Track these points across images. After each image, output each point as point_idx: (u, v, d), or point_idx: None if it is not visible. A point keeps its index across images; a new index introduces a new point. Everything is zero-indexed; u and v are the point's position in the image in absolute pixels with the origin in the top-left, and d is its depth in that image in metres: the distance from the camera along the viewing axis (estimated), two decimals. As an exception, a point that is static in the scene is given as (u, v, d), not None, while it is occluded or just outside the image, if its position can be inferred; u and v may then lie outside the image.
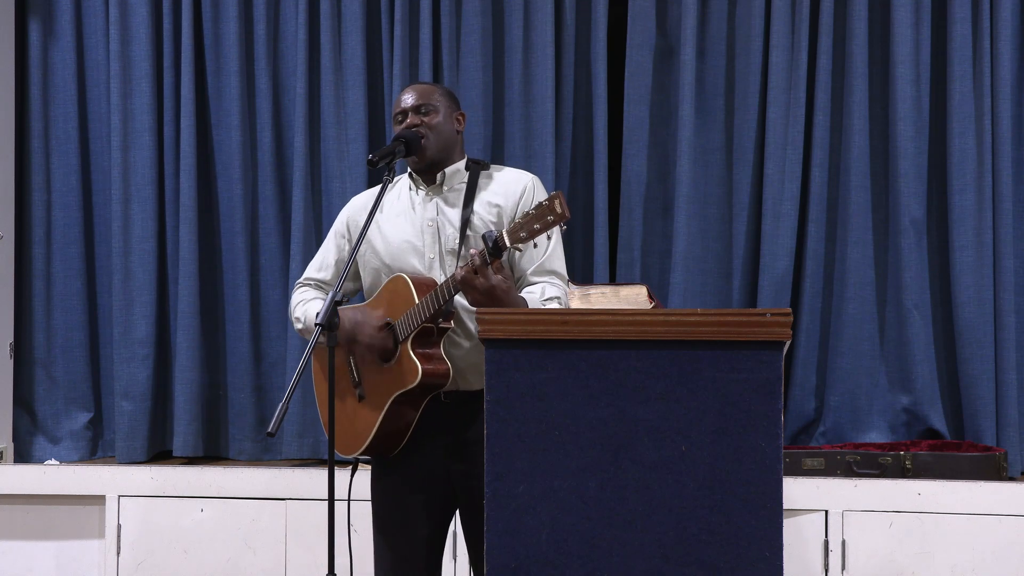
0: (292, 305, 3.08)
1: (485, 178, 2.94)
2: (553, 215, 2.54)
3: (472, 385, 2.81)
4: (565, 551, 2.30)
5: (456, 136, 2.97)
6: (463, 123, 3.00)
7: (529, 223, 2.56)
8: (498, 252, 2.59)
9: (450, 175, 2.93)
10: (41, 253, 4.45)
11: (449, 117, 2.95)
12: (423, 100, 2.93)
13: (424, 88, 2.97)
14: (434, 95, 2.95)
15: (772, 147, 4.07)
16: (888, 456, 3.84)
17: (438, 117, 2.93)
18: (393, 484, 2.90)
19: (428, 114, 2.92)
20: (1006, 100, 3.99)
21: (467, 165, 2.96)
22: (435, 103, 2.93)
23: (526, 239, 2.57)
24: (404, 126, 2.92)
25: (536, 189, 2.93)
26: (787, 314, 2.28)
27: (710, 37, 4.15)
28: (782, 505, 2.27)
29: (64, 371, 4.43)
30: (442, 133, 2.93)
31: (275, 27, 4.34)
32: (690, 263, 4.10)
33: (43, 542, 4.17)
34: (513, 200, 2.90)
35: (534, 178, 2.96)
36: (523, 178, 2.95)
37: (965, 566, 3.69)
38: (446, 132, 2.94)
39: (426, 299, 2.71)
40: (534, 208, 2.57)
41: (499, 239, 2.59)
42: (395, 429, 2.80)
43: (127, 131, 4.31)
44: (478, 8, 4.20)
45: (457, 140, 2.98)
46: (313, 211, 4.26)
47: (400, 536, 2.89)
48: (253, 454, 4.32)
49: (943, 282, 4.09)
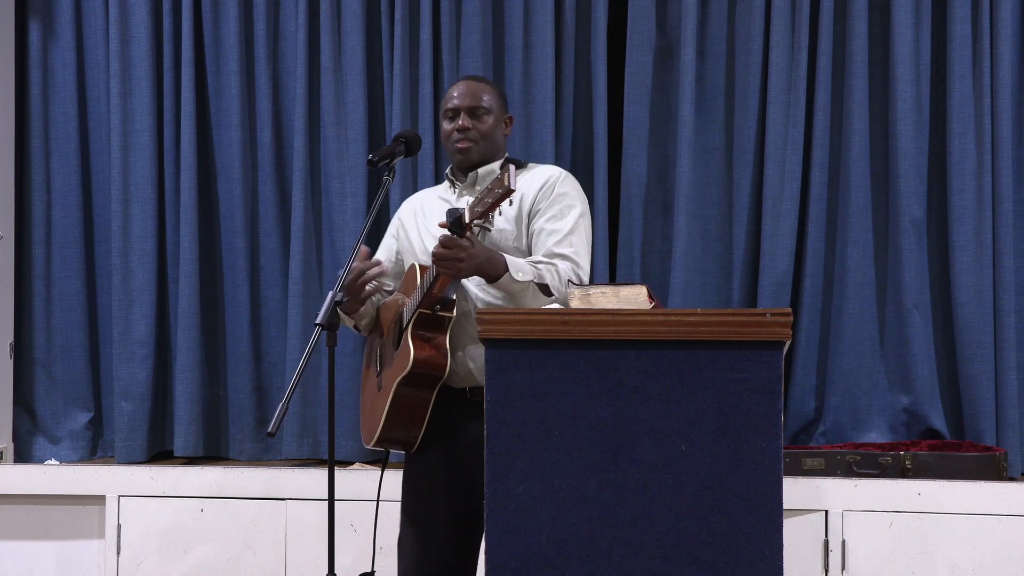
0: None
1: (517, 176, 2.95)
2: (501, 188, 2.53)
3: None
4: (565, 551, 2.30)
5: (503, 140, 2.98)
6: (510, 126, 3.02)
7: (483, 198, 2.57)
8: (459, 228, 2.60)
9: (483, 175, 2.95)
10: (41, 253, 4.44)
11: (499, 121, 2.96)
12: (476, 102, 2.91)
13: (477, 86, 2.95)
14: (488, 97, 2.94)
15: (772, 147, 4.07)
16: (888, 456, 3.84)
17: (490, 122, 2.93)
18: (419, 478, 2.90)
19: (480, 117, 2.91)
20: (1006, 100, 3.99)
21: (502, 165, 2.96)
22: (487, 105, 2.93)
23: (481, 214, 2.57)
24: (456, 127, 2.91)
25: (560, 181, 2.92)
26: (787, 314, 2.28)
27: (710, 37, 4.15)
28: (782, 505, 2.27)
29: (64, 371, 4.43)
30: (491, 139, 2.94)
31: (275, 27, 4.34)
32: (690, 263, 4.10)
33: (43, 542, 4.17)
34: (533, 192, 2.90)
35: (562, 171, 2.96)
36: (549, 171, 2.96)
37: (965, 566, 3.69)
38: (495, 137, 2.95)
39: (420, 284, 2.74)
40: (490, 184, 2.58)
41: (461, 215, 2.61)
42: (406, 418, 2.79)
43: (127, 131, 4.31)
44: (478, 8, 4.20)
45: (503, 144, 2.99)
46: (313, 211, 4.26)
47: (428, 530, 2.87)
48: (253, 454, 4.31)
49: (943, 282, 4.08)
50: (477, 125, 2.90)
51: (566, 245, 2.86)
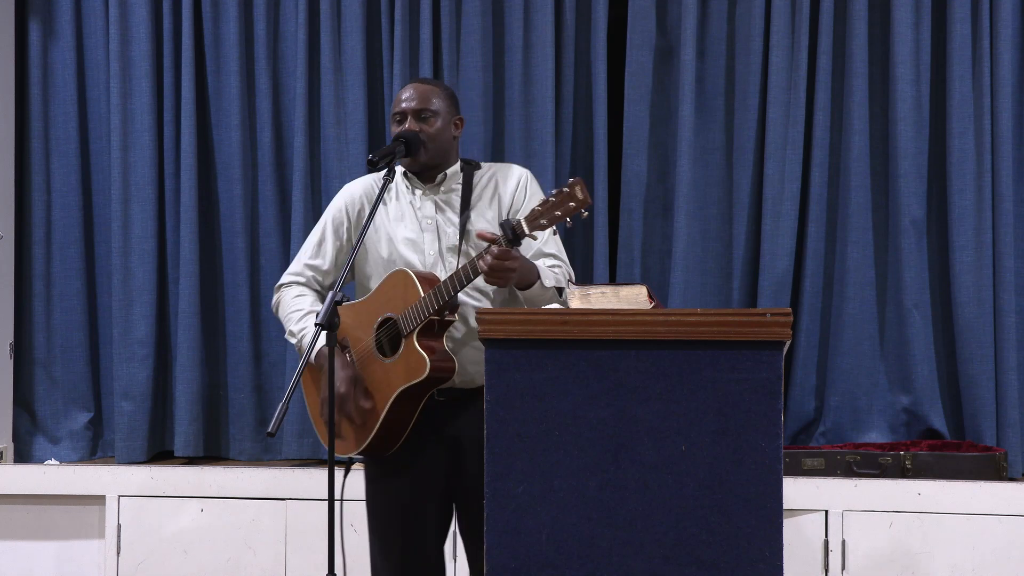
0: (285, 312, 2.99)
1: (479, 177, 2.96)
2: (575, 201, 2.55)
3: (467, 383, 2.82)
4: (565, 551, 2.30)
5: (453, 142, 2.97)
6: (460, 128, 3.00)
7: (549, 210, 2.58)
8: (516, 240, 2.60)
9: (450, 176, 2.95)
10: (41, 253, 4.44)
11: (448, 123, 2.94)
12: (423, 104, 2.90)
13: (425, 89, 2.93)
14: (435, 99, 2.92)
15: (772, 147, 4.07)
16: (888, 456, 3.84)
17: (437, 124, 2.91)
18: (392, 486, 2.90)
19: (427, 120, 2.90)
20: (1006, 100, 3.99)
21: (461, 167, 2.97)
22: (436, 108, 2.91)
23: (545, 226, 2.58)
24: (403, 129, 2.90)
25: (531, 180, 2.97)
26: (787, 314, 2.28)
27: (710, 37, 4.15)
28: (782, 505, 2.28)
29: (64, 371, 4.43)
30: (439, 141, 2.92)
31: (275, 27, 4.34)
32: (690, 263, 4.10)
33: (43, 542, 4.17)
34: (510, 192, 2.93)
35: (526, 170, 3.00)
36: (517, 171, 2.99)
37: (965, 566, 3.69)
38: (443, 139, 2.93)
39: (435, 291, 2.71)
40: (553, 195, 2.58)
41: (517, 227, 2.59)
42: (396, 426, 2.80)
43: (127, 131, 4.31)
44: (478, 8, 4.20)
45: (453, 145, 2.98)
46: (313, 211, 4.26)
47: (403, 538, 2.88)
48: (253, 454, 4.31)
49: (943, 282, 4.08)
50: (424, 128, 2.89)
51: (552, 245, 2.91)
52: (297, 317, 2.96)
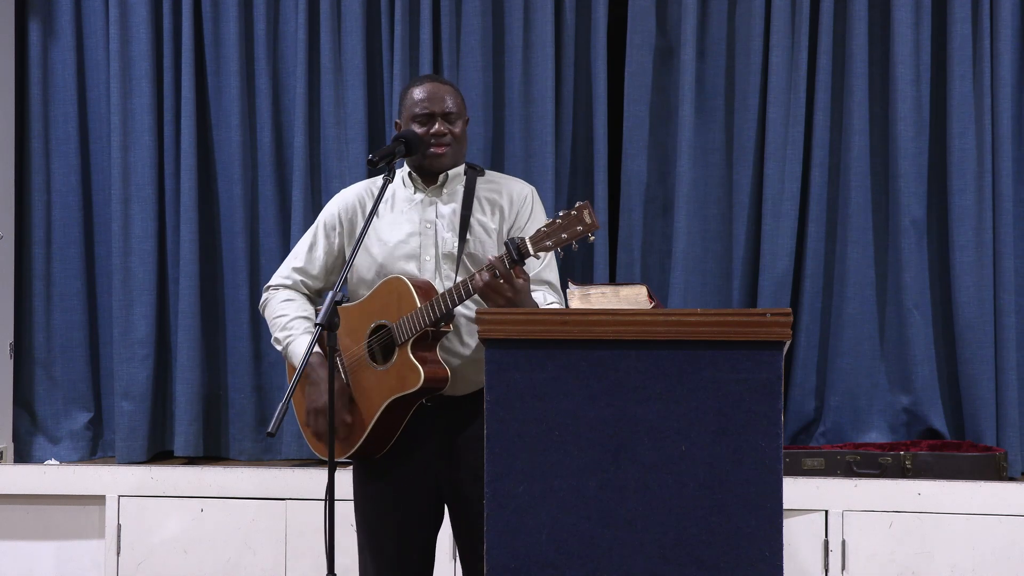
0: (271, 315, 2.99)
1: (482, 183, 2.92)
2: (583, 225, 2.52)
3: (457, 391, 2.80)
4: (565, 551, 2.30)
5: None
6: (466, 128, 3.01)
7: (556, 232, 2.54)
8: (521, 259, 2.57)
9: (452, 177, 2.91)
10: (41, 253, 4.44)
11: (466, 124, 2.94)
12: (454, 108, 2.87)
13: (448, 90, 2.89)
14: (458, 99, 2.90)
15: (772, 147, 4.07)
16: (888, 456, 3.84)
17: (461, 125, 2.90)
18: (381, 490, 2.88)
19: (454, 123, 2.87)
20: (1006, 100, 3.99)
21: (464, 169, 2.94)
22: (459, 111, 2.89)
23: (551, 248, 2.54)
24: (433, 132, 2.84)
25: (536, 199, 2.94)
26: (787, 314, 2.28)
27: (710, 37, 4.15)
28: (782, 505, 2.27)
29: (64, 371, 4.43)
30: (463, 143, 2.91)
31: (275, 27, 4.34)
32: (690, 263, 4.10)
33: (43, 542, 4.17)
34: (517, 207, 2.89)
35: (531, 187, 2.97)
36: (521, 186, 2.95)
37: (965, 566, 3.69)
38: (465, 141, 2.93)
39: (432, 303, 2.68)
40: (560, 217, 2.54)
41: (522, 246, 2.56)
42: (385, 432, 2.79)
43: (127, 131, 4.31)
44: (478, 8, 4.20)
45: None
46: (313, 211, 4.25)
47: (392, 543, 2.87)
48: (253, 454, 4.31)
49: (943, 282, 4.09)
50: (452, 130, 2.87)
51: (549, 271, 2.88)
52: (282, 323, 2.97)
